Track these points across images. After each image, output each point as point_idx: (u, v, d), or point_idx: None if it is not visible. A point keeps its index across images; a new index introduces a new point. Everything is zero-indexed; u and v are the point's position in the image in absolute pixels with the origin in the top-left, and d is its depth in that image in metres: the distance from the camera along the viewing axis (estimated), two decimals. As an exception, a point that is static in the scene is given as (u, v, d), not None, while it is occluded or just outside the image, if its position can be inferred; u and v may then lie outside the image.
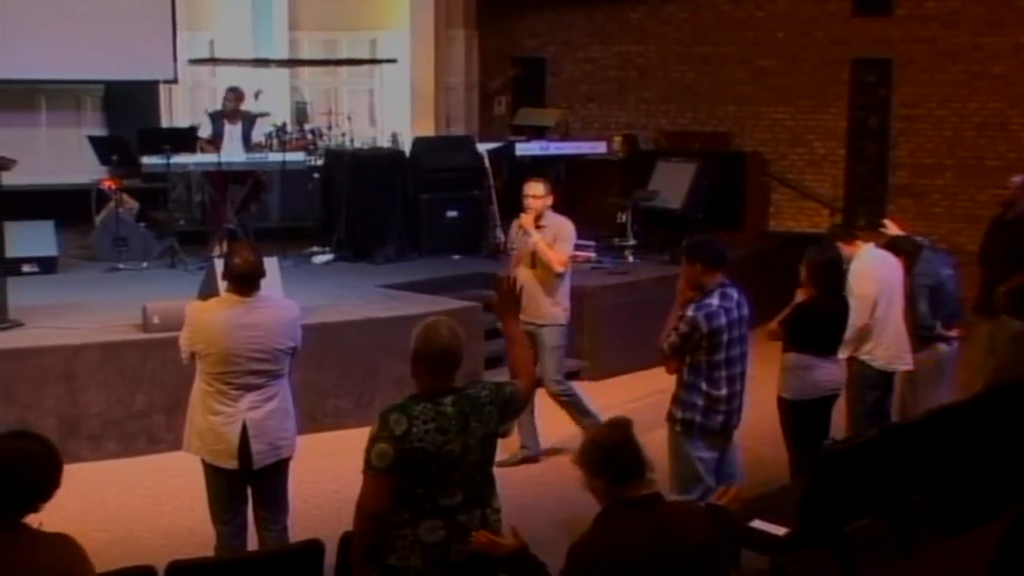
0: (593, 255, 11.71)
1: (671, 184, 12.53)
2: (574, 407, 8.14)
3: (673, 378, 6.13)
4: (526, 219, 8.01)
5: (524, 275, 7.63)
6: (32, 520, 3.36)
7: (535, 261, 7.97)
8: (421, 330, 4.38)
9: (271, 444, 5.63)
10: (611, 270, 11.37)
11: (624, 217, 12.17)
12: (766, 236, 14.12)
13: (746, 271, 9.56)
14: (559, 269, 7.97)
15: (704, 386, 5.98)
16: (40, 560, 3.32)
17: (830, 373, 6.78)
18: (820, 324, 6.75)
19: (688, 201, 12.38)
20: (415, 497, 4.23)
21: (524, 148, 13.35)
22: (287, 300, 6.28)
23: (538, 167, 13.31)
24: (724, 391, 5.99)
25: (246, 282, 5.62)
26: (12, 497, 3.32)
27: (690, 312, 5.92)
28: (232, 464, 5.60)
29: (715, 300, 5.93)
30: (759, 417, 6.93)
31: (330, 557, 4.65)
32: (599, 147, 14.20)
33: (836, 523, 5.34)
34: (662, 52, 15.55)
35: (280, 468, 5.75)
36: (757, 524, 5.53)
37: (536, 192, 8.07)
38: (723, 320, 5.92)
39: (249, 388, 5.57)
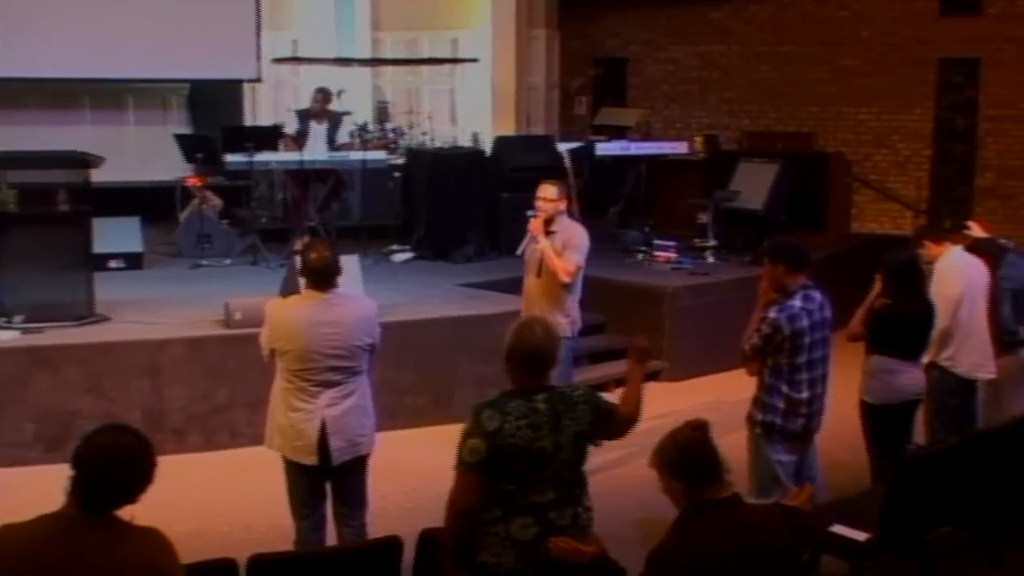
0: (673, 255, 11.66)
1: (752, 185, 12.43)
2: None
3: (753, 380, 6.09)
4: (535, 223, 7.44)
5: (530, 283, 7.45)
6: (124, 513, 3.41)
7: (541, 269, 7.45)
8: (515, 328, 4.43)
9: (349, 441, 5.66)
10: (691, 271, 11.30)
11: (705, 218, 12.10)
12: (848, 238, 13.94)
13: (828, 273, 9.45)
14: (564, 279, 7.37)
15: (785, 389, 5.93)
16: (132, 553, 3.36)
17: (914, 377, 6.68)
18: (904, 327, 6.65)
19: (769, 202, 12.27)
20: (507, 494, 4.24)
21: (605, 148, 13.32)
22: (365, 298, 6.30)
23: (619, 167, 13.32)
24: (805, 394, 5.94)
25: (321, 278, 5.65)
26: (107, 490, 3.36)
27: (772, 314, 5.87)
28: (311, 460, 5.64)
29: (797, 302, 5.88)
30: (840, 421, 6.84)
31: (408, 554, 4.67)
32: (680, 147, 14.12)
33: (918, 530, 5.27)
34: (744, 52, 15.44)
35: (359, 465, 5.78)
36: (837, 529, 5.47)
37: (548, 195, 7.46)
38: (805, 322, 5.87)
39: (328, 385, 5.60)
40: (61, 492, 3.42)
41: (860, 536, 5.41)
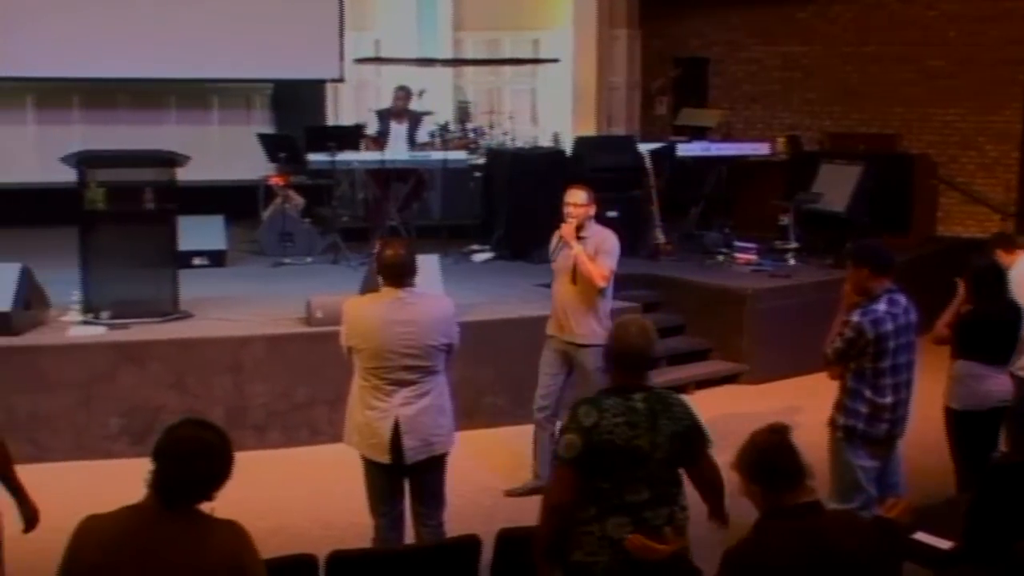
0: (754, 257, 11.57)
1: (835, 186, 12.29)
2: None
3: (835, 384, 6.02)
4: (566, 229, 7.28)
5: (563, 290, 7.34)
6: (204, 507, 3.44)
7: (576, 276, 7.30)
8: (614, 328, 4.43)
9: (423, 440, 5.66)
10: (772, 273, 11.20)
11: (786, 219, 11.99)
12: (933, 241, 13.73)
13: (912, 276, 9.29)
14: (601, 284, 7.23)
15: (868, 393, 5.86)
16: (213, 546, 3.40)
17: (1000, 383, 6.56)
18: (991, 332, 6.54)
19: (852, 204, 12.12)
20: (602, 492, 4.24)
21: (686, 149, 13.24)
22: (442, 297, 6.30)
23: (699, 168, 13.24)
24: (889, 399, 5.86)
25: (395, 275, 5.66)
26: (188, 484, 3.40)
27: (856, 317, 5.80)
28: (385, 459, 5.67)
29: (882, 306, 5.80)
30: (924, 426, 6.75)
31: (486, 554, 4.67)
32: (762, 148, 14.00)
33: (1005, 539, 5.16)
34: (828, 52, 15.26)
35: (435, 464, 5.78)
36: (921, 536, 5.38)
37: (577, 200, 7.27)
38: (890, 326, 5.79)
39: (403, 384, 5.61)
40: (144, 485, 3.46)
41: (944, 544, 5.32)
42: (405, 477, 5.79)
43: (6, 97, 14.68)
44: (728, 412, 9.24)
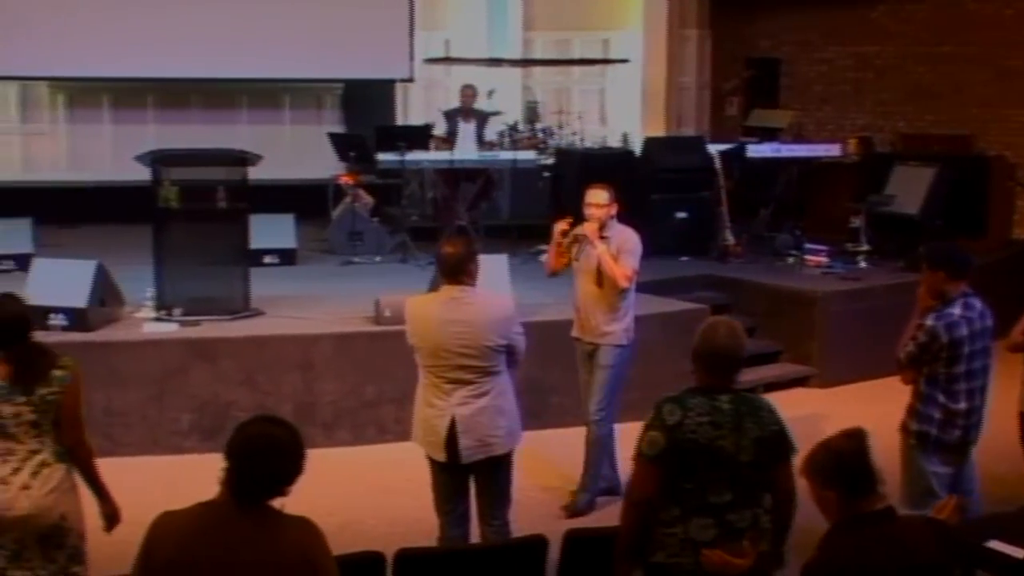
0: (825, 259, 11.45)
1: (908, 188, 12.13)
2: (597, 452, 7.34)
3: (908, 389, 5.95)
4: (589, 228, 7.16)
5: (586, 291, 7.24)
6: (275, 503, 3.47)
7: (600, 276, 7.19)
8: (701, 329, 4.41)
9: (480, 440, 5.65)
10: (843, 275, 11.08)
11: (858, 221, 11.86)
12: (1010, 244, 13.50)
13: (987, 281, 9.18)
14: (624, 284, 7.12)
15: (942, 399, 5.78)
16: (286, 542, 3.43)
17: (1077, 390, 6.44)
18: (1068, 337, 6.42)
19: (926, 206, 11.96)
20: (684, 492, 4.22)
21: (756, 150, 13.13)
22: (501, 297, 6.20)
23: (770, 169, 13.13)
24: (963, 405, 5.78)
25: (449, 271, 5.67)
26: (262, 481, 3.42)
27: (930, 321, 5.73)
28: (441, 457, 5.69)
29: (957, 310, 5.73)
30: (999, 433, 6.64)
31: (552, 554, 4.67)
32: (833, 149, 13.83)
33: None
34: (901, 52, 15.07)
35: (497, 464, 5.76)
36: (994, 544, 5.30)
37: (599, 200, 7.17)
38: (964, 331, 5.71)
39: (461, 383, 5.61)
40: (216, 481, 3.50)
41: (1018, 553, 5.24)
42: (469, 476, 5.79)
43: (84, 97, 14.94)
44: (797, 415, 9.12)
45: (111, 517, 4.85)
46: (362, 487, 7.68)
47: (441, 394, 5.65)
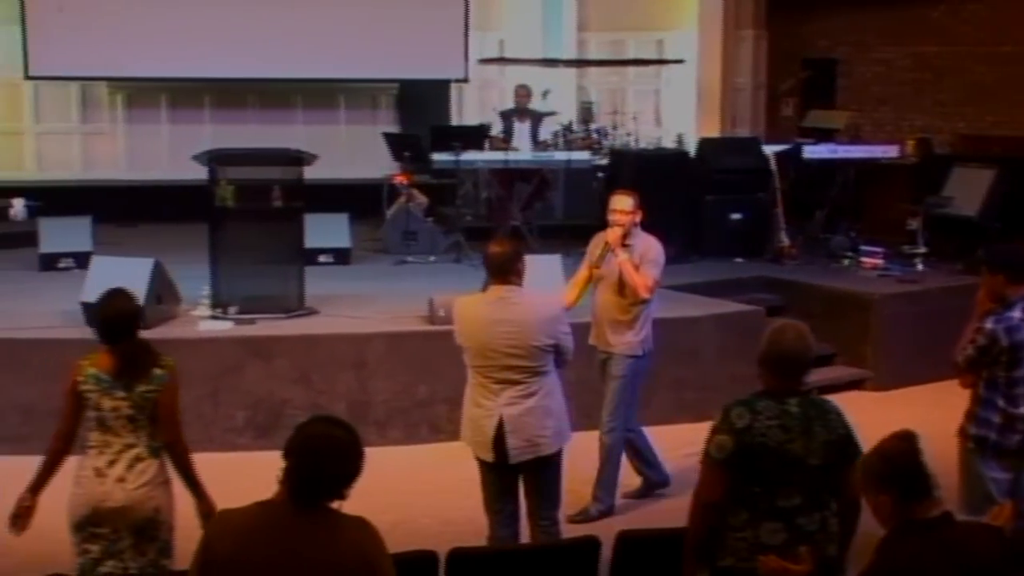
0: (881, 262, 11.35)
1: (967, 190, 12.01)
2: (608, 463, 7.20)
3: (966, 393, 5.88)
4: (612, 235, 6.99)
5: (605, 299, 7.10)
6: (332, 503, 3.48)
7: (621, 285, 7.04)
8: (769, 332, 4.40)
9: (528, 441, 5.64)
10: (899, 278, 10.98)
11: (915, 223, 11.74)
12: (1070, 248, 13.32)
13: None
14: (645, 295, 6.99)
15: (1001, 403, 5.71)
16: (344, 542, 3.43)
17: None
18: None
19: (984, 208, 11.83)
20: (753, 496, 4.21)
21: (812, 151, 13.04)
22: (549, 297, 6.14)
23: (826, 170, 13.03)
24: (1023, 409, 5.70)
25: (495, 271, 5.69)
26: (319, 482, 3.43)
27: (989, 324, 5.66)
28: (489, 457, 5.69)
29: (1017, 313, 5.65)
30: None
31: (605, 555, 4.66)
32: (890, 151, 13.71)
33: None
34: (961, 52, 14.90)
35: (545, 464, 5.75)
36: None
37: (624, 207, 7.01)
38: (1024, 335, 5.64)
39: (509, 383, 5.61)
40: (270, 478, 3.51)
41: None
42: (517, 476, 5.79)
43: (142, 97, 15.11)
44: (852, 419, 9.08)
45: (207, 515, 4.89)
46: (415, 486, 7.70)
47: (489, 394, 5.65)
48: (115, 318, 4.87)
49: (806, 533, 4.20)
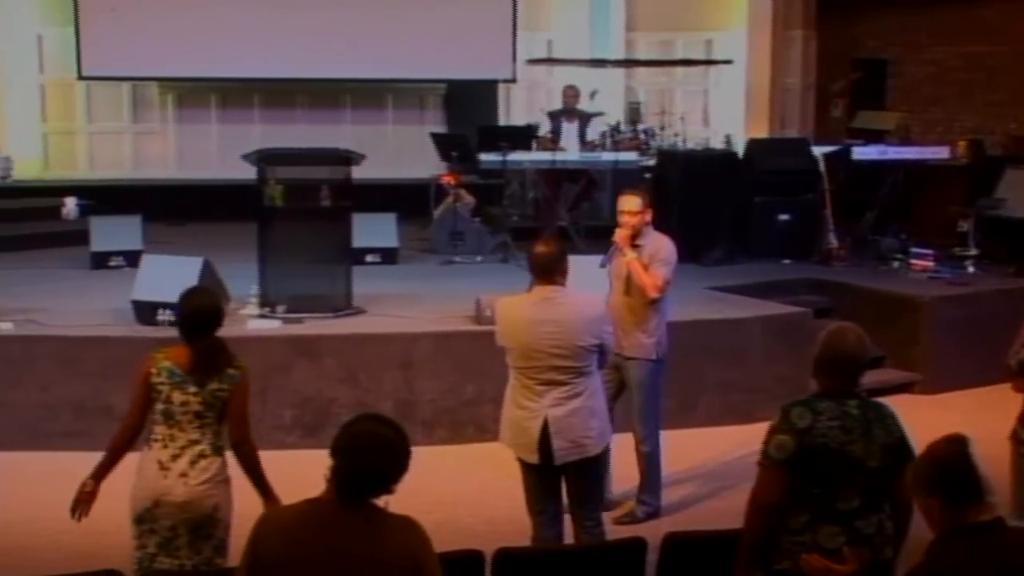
0: (931, 264, 11.26)
1: (1020, 192, 11.88)
2: (649, 469, 7.12)
3: (1018, 397, 5.82)
4: (620, 236, 6.94)
5: (615, 300, 6.98)
6: (379, 500, 3.49)
7: (629, 285, 6.98)
8: (827, 334, 4.38)
9: (573, 442, 5.63)
10: (950, 280, 10.88)
11: (966, 226, 11.64)
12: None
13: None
14: (653, 295, 6.86)
15: (1054, 407, 5.65)
16: (391, 540, 3.45)
17: None
18: None
19: (1038, 211, 11.71)
20: (813, 499, 4.18)
21: (861, 152, 12.96)
22: (594, 297, 6.07)
23: (875, 172, 12.94)
24: (1077, 413, 5.65)
25: (542, 271, 5.69)
26: (366, 480, 3.45)
27: (1041, 328, 5.61)
28: (533, 458, 5.68)
29: (1071, 316, 5.60)
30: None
31: (651, 556, 4.65)
32: (941, 152, 13.59)
33: None
34: (1014, 52, 14.72)
35: (589, 465, 5.74)
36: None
37: (632, 207, 6.95)
38: (1079, 338, 5.57)
39: (553, 384, 5.60)
40: (318, 477, 3.53)
41: None
42: (560, 476, 5.78)
43: (192, 97, 15.24)
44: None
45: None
46: (460, 486, 7.71)
47: (533, 395, 5.64)
48: (198, 314, 4.95)
49: (864, 536, 4.18)
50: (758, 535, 4.24)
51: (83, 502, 4.87)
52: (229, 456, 5.03)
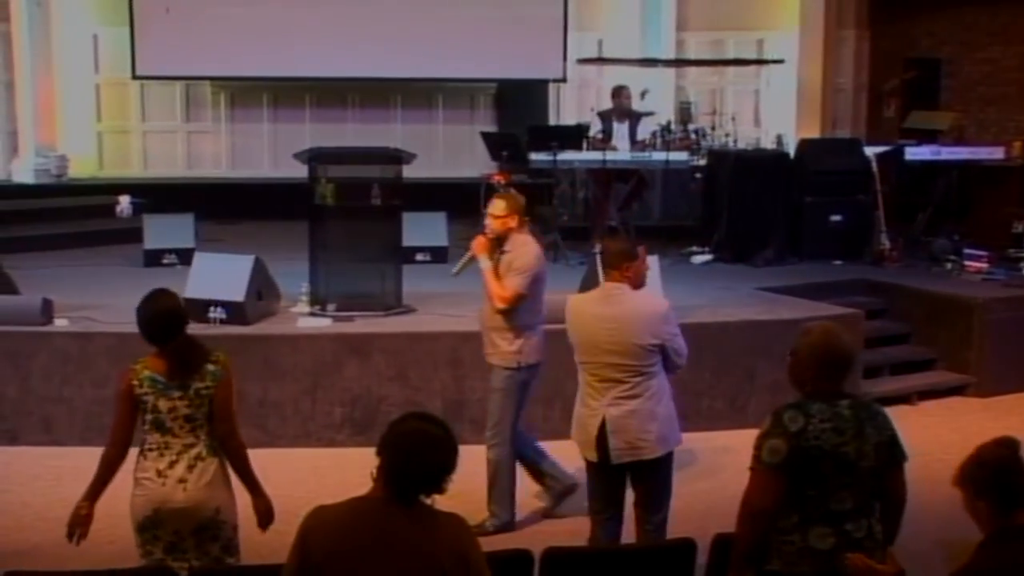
0: (985, 266, 11.15)
1: (1076, 193, 11.75)
2: (496, 478, 6.81)
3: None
4: (478, 241, 6.81)
5: (483, 306, 6.86)
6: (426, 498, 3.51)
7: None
8: (817, 334, 4.31)
9: (629, 443, 5.61)
10: (1005, 282, 10.76)
11: (1021, 227, 11.52)
12: None
13: None
14: (499, 305, 6.57)
15: (1110, 411, 5.59)
16: (440, 538, 3.47)
17: None
18: None
19: (1096, 212, 11.57)
20: (806, 500, 4.15)
21: (914, 152, 12.85)
22: (654, 297, 6.05)
23: (929, 172, 12.83)
24: None
25: (605, 265, 5.71)
26: (415, 478, 3.46)
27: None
28: (593, 456, 5.69)
29: None
30: None
31: (701, 557, 4.64)
32: (996, 152, 13.45)
33: None
34: (1072, 52, 14.55)
35: (649, 468, 5.71)
36: None
37: (495, 211, 6.71)
38: None
39: (613, 382, 5.59)
40: (367, 474, 3.55)
41: None
42: (623, 476, 5.76)
43: (245, 96, 15.36)
44: (953, 425, 8.94)
45: (264, 513, 4.89)
46: (510, 484, 7.71)
47: (595, 393, 5.64)
48: (160, 318, 4.81)
49: (854, 540, 4.14)
50: (752, 541, 4.19)
51: (79, 524, 4.78)
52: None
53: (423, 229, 11.11)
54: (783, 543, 4.18)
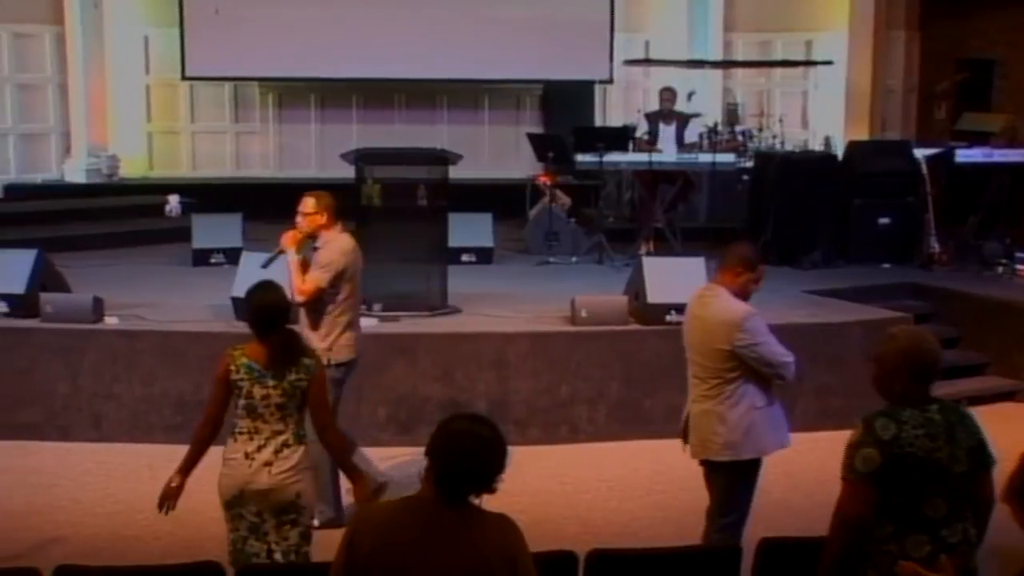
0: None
1: None
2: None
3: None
4: (286, 236, 6.79)
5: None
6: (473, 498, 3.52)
7: None
8: (910, 339, 4.24)
9: (701, 442, 5.74)
10: (1057, 286, 10.65)
11: (1074, 231, 11.39)
12: None
13: None
14: (297, 297, 6.52)
15: None
16: (488, 538, 3.47)
17: None
18: None
19: None
20: (900, 508, 4.09)
21: (965, 155, 12.70)
22: (737, 304, 5.87)
23: (980, 175, 12.70)
24: None
25: (727, 261, 5.79)
26: (464, 478, 3.47)
27: None
28: (685, 449, 5.87)
29: None
30: None
31: (747, 561, 4.62)
32: (1049, 155, 13.29)
33: None
34: None
35: (717, 469, 5.77)
36: None
37: (304, 208, 6.77)
38: None
39: (697, 380, 5.75)
40: (412, 473, 3.56)
41: None
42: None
43: (292, 97, 15.44)
44: (1004, 431, 8.81)
45: (373, 492, 5.15)
46: (553, 486, 7.71)
47: (690, 389, 5.83)
48: (266, 310, 5.01)
49: (949, 545, 4.08)
50: (844, 554, 4.11)
51: (170, 496, 5.02)
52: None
53: (469, 230, 11.14)
54: (879, 553, 4.11)
